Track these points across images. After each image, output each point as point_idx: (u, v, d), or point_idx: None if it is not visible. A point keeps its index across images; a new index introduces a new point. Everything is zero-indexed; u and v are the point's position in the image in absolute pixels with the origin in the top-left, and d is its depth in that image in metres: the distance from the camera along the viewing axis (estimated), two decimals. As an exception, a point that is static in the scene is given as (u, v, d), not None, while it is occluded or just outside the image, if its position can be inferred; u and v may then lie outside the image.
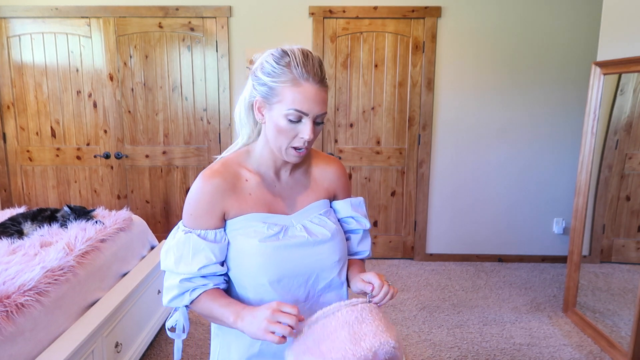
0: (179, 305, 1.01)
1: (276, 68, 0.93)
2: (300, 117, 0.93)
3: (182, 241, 0.99)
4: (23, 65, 3.54)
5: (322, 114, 0.95)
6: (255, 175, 1.04)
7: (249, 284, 1.01)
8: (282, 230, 1.01)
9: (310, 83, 0.92)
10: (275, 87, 0.93)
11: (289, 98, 0.92)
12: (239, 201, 1.01)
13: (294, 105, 0.92)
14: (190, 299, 0.99)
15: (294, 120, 0.94)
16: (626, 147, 2.68)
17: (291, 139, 0.96)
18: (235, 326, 0.91)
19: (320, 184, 1.12)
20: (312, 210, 1.07)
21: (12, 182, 3.72)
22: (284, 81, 0.92)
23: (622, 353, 2.35)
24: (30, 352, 1.53)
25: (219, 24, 3.48)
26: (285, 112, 0.93)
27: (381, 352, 0.87)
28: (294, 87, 0.92)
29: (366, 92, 3.58)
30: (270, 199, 1.04)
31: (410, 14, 3.44)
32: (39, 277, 1.67)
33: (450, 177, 3.68)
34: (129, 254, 2.36)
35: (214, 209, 1.00)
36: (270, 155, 1.03)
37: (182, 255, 0.98)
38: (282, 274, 0.99)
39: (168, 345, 2.53)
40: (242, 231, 1.00)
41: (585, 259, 2.86)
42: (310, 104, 0.92)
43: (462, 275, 3.51)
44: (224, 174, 1.01)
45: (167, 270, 1.01)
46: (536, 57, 3.48)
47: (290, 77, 0.92)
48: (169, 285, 1.01)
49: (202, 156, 3.69)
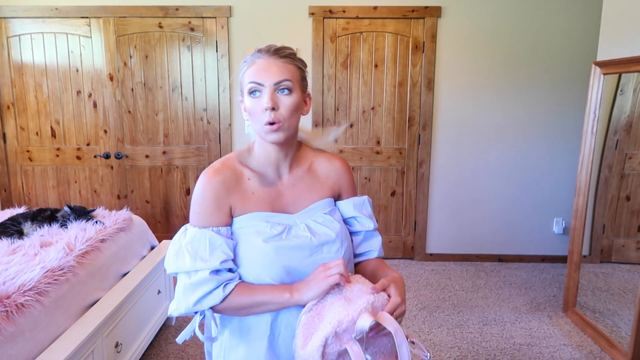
0: (208, 305, 0.95)
1: (241, 65, 1.03)
2: (258, 88, 0.97)
3: (197, 238, 0.96)
4: (23, 65, 3.54)
5: (281, 81, 0.96)
6: (256, 173, 1.04)
7: (254, 281, 1.00)
8: (286, 230, 1.00)
9: (262, 58, 0.98)
10: (241, 79, 1.01)
11: (247, 78, 0.99)
12: (242, 199, 1.01)
13: (250, 79, 0.98)
14: (224, 295, 0.95)
15: (255, 95, 0.97)
16: (626, 147, 2.68)
17: (260, 115, 0.97)
18: (292, 301, 0.93)
19: (324, 181, 1.10)
20: (316, 210, 1.06)
21: (12, 182, 3.72)
22: (243, 69, 1.01)
23: (622, 353, 2.35)
24: (30, 352, 1.53)
25: (219, 24, 3.48)
26: (247, 89, 0.98)
27: (378, 303, 0.89)
28: (250, 68, 0.99)
29: (366, 92, 3.58)
30: (273, 197, 1.04)
31: (410, 14, 3.44)
32: (39, 277, 1.67)
33: (451, 177, 3.68)
34: (129, 254, 2.36)
35: (221, 205, 0.99)
36: (266, 151, 1.04)
37: (197, 252, 0.95)
38: (284, 274, 0.98)
39: (168, 345, 2.53)
40: (245, 230, 1.00)
41: (585, 259, 2.86)
42: (263, 74, 0.96)
43: (462, 275, 3.52)
44: (225, 171, 1.02)
45: (182, 271, 0.96)
46: (536, 57, 3.48)
47: (248, 63, 1.00)
48: (193, 282, 0.94)
49: (202, 156, 3.69)
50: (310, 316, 0.91)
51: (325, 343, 0.84)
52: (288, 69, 0.98)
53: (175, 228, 3.80)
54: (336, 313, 0.87)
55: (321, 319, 0.89)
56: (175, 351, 2.47)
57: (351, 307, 0.87)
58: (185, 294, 0.96)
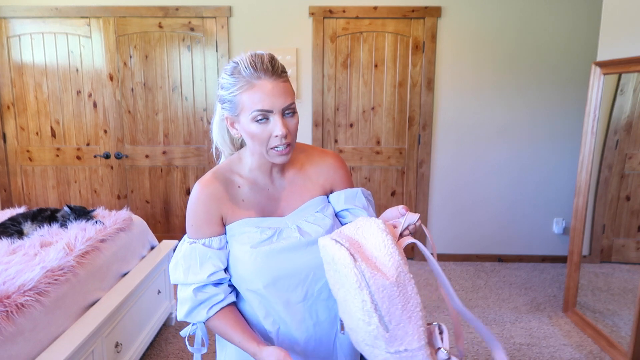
0: (195, 320, 1.01)
1: (229, 79, 0.94)
2: (266, 115, 0.92)
3: (188, 253, 1.00)
4: (23, 65, 3.54)
5: (288, 105, 0.94)
6: (247, 180, 1.05)
7: (246, 287, 1.02)
8: (276, 233, 1.01)
9: (264, 79, 0.91)
10: (234, 99, 0.94)
11: (249, 102, 0.92)
12: (232, 208, 1.02)
13: (255, 106, 0.92)
14: (207, 317, 1.00)
15: (262, 122, 0.93)
16: (626, 147, 2.68)
17: (267, 140, 0.94)
18: (257, 355, 0.94)
19: (316, 180, 1.09)
20: (308, 209, 1.06)
21: (12, 182, 3.72)
22: (239, 88, 0.92)
23: (622, 353, 2.35)
24: (30, 352, 1.53)
25: (219, 24, 3.48)
26: (251, 116, 0.93)
27: (411, 227, 0.89)
28: (249, 90, 0.92)
29: (366, 92, 3.58)
30: (264, 202, 1.04)
31: (410, 14, 3.44)
32: (39, 277, 1.67)
33: (450, 177, 3.68)
34: (129, 254, 2.36)
35: (212, 217, 1.01)
36: (259, 159, 1.03)
37: (190, 266, 0.99)
38: (276, 277, 0.99)
39: (168, 345, 2.53)
40: (236, 237, 1.01)
41: (585, 259, 2.86)
42: (270, 100, 0.91)
43: (462, 275, 3.51)
44: (215, 182, 1.03)
45: (178, 283, 1.02)
46: (536, 57, 3.48)
47: (243, 82, 0.92)
48: (182, 297, 1.01)
49: (202, 156, 3.69)
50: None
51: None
52: (288, 89, 0.94)
53: (175, 228, 3.80)
54: (375, 242, 0.85)
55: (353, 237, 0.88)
56: (175, 351, 2.47)
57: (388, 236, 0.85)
58: (180, 304, 1.03)
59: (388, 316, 0.80)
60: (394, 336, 0.81)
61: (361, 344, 0.86)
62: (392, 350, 0.82)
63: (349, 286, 0.81)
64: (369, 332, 0.82)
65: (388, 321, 0.80)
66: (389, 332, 0.81)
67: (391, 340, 0.81)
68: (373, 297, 0.80)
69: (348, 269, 0.80)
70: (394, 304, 0.80)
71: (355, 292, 0.80)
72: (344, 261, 0.81)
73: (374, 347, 0.84)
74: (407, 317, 0.81)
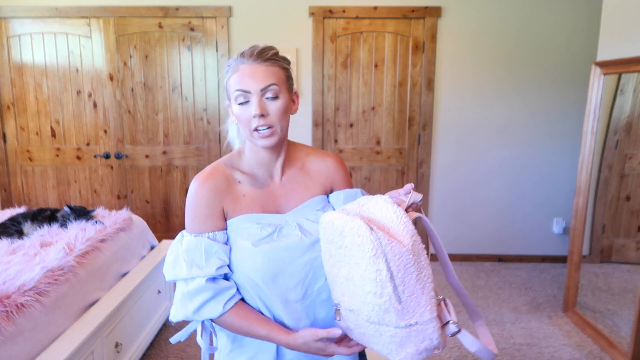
0: (207, 316, 0.97)
1: (225, 69, 1.02)
2: (246, 97, 0.96)
3: (193, 246, 0.98)
4: (23, 65, 3.54)
5: (268, 87, 0.96)
6: (247, 176, 1.05)
7: (245, 283, 1.00)
8: (276, 230, 1.01)
9: (246, 64, 0.97)
10: (226, 85, 1.01)
11: (233, 84, 0.98)
12: (233, 203, 1.02)
13: (236, 87, 0.97)
14: (223, 311, 0.96)
15: (244, 104, 0.97)
16: (626, 147, 2.68)
17: (249, 122, 0.97)
18: (284, 343, 0.96)
19: (316, 179, 1.10)
20: (309, 208, 1.06)
21: (12, 182, 3.72)
22: (228, 73, 1.00)
23: (622, 353, 2.35)
24: (30, 352, 1.53)
25: (219, 24, 3.48)
26: (234, 98, 0.98)
27: (414, 206, 0.90)
28: (234, 74, 0.98)
29: (366, 92, 3.58)
30: (264, 198, 1.04)
31: (410, 14, 3.44)
32: (39, 277, 1.67)
33: (450, 177, 3.68)
34: (129, 254, 2.36)
35: (214, 210, 1.00)
36: (258, 154, 1.04)
37: (193, 260, 0.96)
38: (275, 275, 0.98)
39: (168, 345, 2.53)
40: (237, 233, 1.01)
41: (585, 259, 2.86)
42: (248, 81, 0.96)
43: (462, 275, 3.51)
44: (216, 176, 1.03)
45: (179, 279, 0.97)
46: (536, 57, 3.48)
47: (231, 69, 0.99)
48: (189, 291, 0.96)
49: (202, 156, 3.69)
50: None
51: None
52: (273, 72, 0.97)
53: (175, 228, 3.80)
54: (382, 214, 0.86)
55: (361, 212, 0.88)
56: (175, 351, 2.47)
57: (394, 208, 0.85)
58: (182, 301, 0.98)
59: (402, 285, 0.80)
60: (406, 308, 0.80)
61: (364, 325, 0.85)
62: (403, 324, 0.81)
63: (360, 258, 0.80)
64: (379, 306, 0.81)
65: (402, 291, 0.80)
66: (402, 303, 0.80)
67: (403, 313, 0.81)
68: (389, 264, 0.79)
69: (362, 238, 0.79)
70: (408, 273, 0.80)
71: (368, 263, 0.79)
72: (358, 230, 0.80)
73: (380, 325, 0.83)
74: (420, 287, 0.81)
